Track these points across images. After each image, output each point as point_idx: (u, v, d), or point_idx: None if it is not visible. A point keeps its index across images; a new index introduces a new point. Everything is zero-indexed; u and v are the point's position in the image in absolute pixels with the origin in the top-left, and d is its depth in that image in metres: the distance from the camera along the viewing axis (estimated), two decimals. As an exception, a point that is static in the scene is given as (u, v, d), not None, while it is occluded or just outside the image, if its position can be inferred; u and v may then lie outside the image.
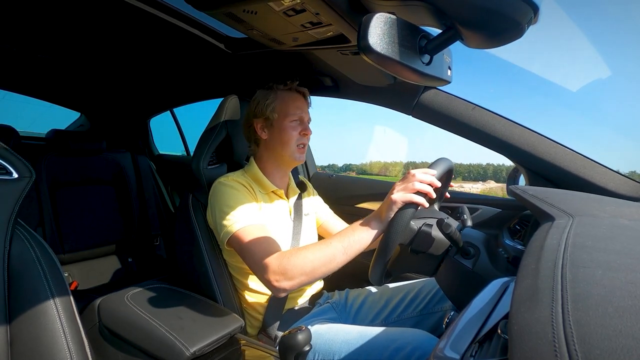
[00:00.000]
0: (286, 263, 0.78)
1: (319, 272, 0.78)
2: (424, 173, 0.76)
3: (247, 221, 0.87)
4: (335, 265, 0.78)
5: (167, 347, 0.75)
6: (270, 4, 0.74)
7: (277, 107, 0.99)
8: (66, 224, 1.64)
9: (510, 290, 0.48)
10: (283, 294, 0.80)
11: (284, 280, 0.77)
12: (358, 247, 0.78)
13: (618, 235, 0.40)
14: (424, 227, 0.77)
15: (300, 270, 0.77)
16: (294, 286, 0.78)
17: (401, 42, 0.50)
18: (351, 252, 0.78)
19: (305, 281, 0.79)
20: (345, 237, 0.79)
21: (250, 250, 0.83)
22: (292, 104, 1.00)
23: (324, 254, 0.78)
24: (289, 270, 0.77)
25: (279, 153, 1.00)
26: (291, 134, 0.98)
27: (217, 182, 0.96)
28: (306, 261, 0.77)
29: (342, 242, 0.78)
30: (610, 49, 16.80)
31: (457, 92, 1.03)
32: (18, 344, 0.56)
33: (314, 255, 0.78)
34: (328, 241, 0.80)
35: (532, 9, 0.47)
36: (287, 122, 0.98)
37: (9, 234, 0.58)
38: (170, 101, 2.14)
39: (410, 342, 0.75)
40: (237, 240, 0.85)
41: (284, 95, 1.01)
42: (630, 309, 0.25)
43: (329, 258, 0.77)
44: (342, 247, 0.77)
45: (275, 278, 0.78)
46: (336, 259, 0.77)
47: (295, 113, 0.99)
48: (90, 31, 1.34)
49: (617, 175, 0.89)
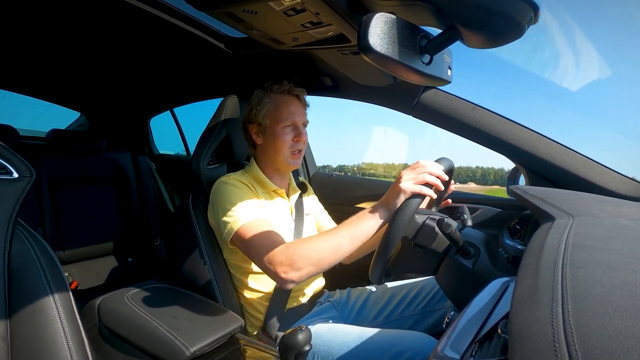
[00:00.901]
0: (292, 253, 0.77)
1: (327, 262, 0.78)
2: (433, 165, 0.76)
3: (250, 217, 0.86)
4: (342, 254, 0.77)
5: (167, 346, 0.75)
6: (270, 3, 0.74)
7: (268, 113, 0.97)
8: (66, 224, 1.64)
9: (510, 290, 0.48)
10: (291, 285, 0.79)
11: (291, 272, 0.76)
12: (365, 236, 0.77)
13: (618, 235, 0.40)
14: (428, 220, 0.77)
15: (308, 260, 0.76)
16: (303, 277, 0.77)
17: (401, 42, 0.50)
18: (358, 241, 0.77)
19: (313, 271, 0.78)
20: (352, 226, 0.78)
21: (255, 245, 0.83)
22: (284, 109, 0.97)
23: (331, 244, 0.77)
24: (296, 261, 0.76)
25: (273, 158, 1.00)
26: (284, 140, 0.96)
27: (219, 181, 0.96)
28: (313, 251, 0.77)
29: (349, 231, 0.77)
30: (610, 49, 16.80)
31: (457, 92, 1.03)
32: (18, 344, 0.56)
33: (321, 245, 0.77)
34: (334, 231, 0.79)
35: (532, 8, 0.47)
36: (279, 128, 0.96)
37: (9, 234, 0.58)
38: (170, 101, 2.14)
39: (410, 347, 0.74)
40: (241, 236, 0.85)
41: (277, 99, 0.99)
42: (630, 309, 0.25)
43: (335, 247, 0.77)
44: (349, 235, 0.77)
45: (282, 269, 0.77)
46: (343, 248, 0.77)
47: (288, 118, 0.97)
48: (90, 31, 1.34)
49: (617, 175, 0.89)
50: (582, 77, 4.98)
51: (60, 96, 2.26)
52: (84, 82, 2.02)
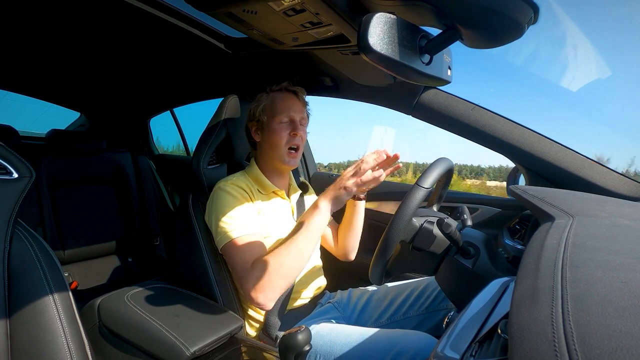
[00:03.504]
0: (259, 276, 0.79)
1: (295, 270, 0.81)
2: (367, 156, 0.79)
3: (239, 231, 0.87)
4: (306, 257, 0.81)
5: (167, 346, 0.75)
6: (270, 4, 0.74)
7: (266, 109, 0.99)
8: (66, 224, 1.64)
9: (510, 290, 0.48)
10: (270, 304, 0.81)
11: (261, 294, 0.79)
12: (320, 231, 0.81)
13: (618, 235, 0.40)
14: (425, 224, 0.77)
15: (276, 276, 0.79)
16: (277, 294, 0.81)
17: (401, 42, 0.50)
18: (315, 238, 0.81)
19: (286, 284, 0.81)
20: (304, 228, 0.80)
21: (235, 264, 0.86)
22: (280, 105, 0.98)
23: (291, 251, 0.79)
24: (265, 282, 0.79)
25: (270, 156, 1.00)
26: (280, 134, 0.96)
27: (217, 187, 0.95)
28: (277, 265, 0.79)
29: (302, 233, 0.80)
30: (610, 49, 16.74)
31: (457, 92, 1.03)
32: (18, 344, 0.56)
33: (283, 257, 0.80)
34: (289, 238, 0.82)
35: (532, 8, 0.47)
36: (276, 123, 0.97)
37: (9, 234, 0.58)
38: (170, 101, 2.14)
39: (412, 347, 0.74)
40: (227, 251, 0.88)
41: (275, 95, 1.00)
42: (630, 309, 0.25)
43: (297, 253, 0.79)
44: (304, 237, 0.80)
45: (255, 295, 0.80)
46: (304, 251, 0.80)
47: (284, 113, 0.97)
48: (90, 31, 1.34)
49: (617, 175, 0.89)
50: (583, 77, 4.97)
51: (60, 96, 2.26)
52: (84, 82, 2.02)
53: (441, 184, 0.96)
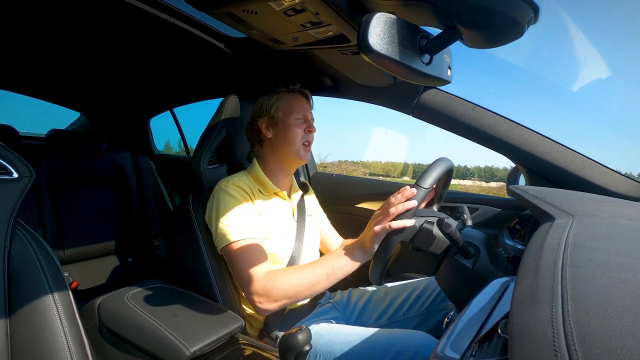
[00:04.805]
0: (271, 286, 0.82)
1: (302, 296, 0.84)
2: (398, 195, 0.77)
3: (240, 235, 0.88)
4: (318, 289, 0.83)
5: (167, 346, 0.75)
6: (270, 3, 0.74)
7: (281, 106, 1.00)
8: (66, 224, 1.64)
9: (510, 290, 0.48)
10: (266, 313, 0.85)
11: (266, 303, 0.83)
12: (341, 274, 0.83)
13: (618, 235, 0.40)
14: (425, 224, 0.77)
15: (284, 293, 0.82)
16: (276, 308, 0.84)
17: (401, 42, 0.50)
18: (334, 279, 0.83)
19: (288, 303, 0.84)
20: (329, 264, 0.83)
21: (237, 267, 0.87)
22: (295, 103, 1.01)
23: (308, 279, 0.82)
24: (272, 293, 0.82)
25: (284, 151, 1.00)
26: (296, 131, 0.99)
27: (219, 187, 0.95)
28: (290, 285, 0.82)
29: (326, 268, 0.83)
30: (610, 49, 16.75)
31: (457, 92, 1.03)
32: (18, 344, 0.56)
33: (299, 280, 0.82)
34: (312, 266, 0.84)
35: (532, 8, 0.47)
36: (292, 119, 0.99)
37: (9, 234, 0.58)
38: (170, 101, 2.14)
39: (412, 347, 0.75)
40: (227, 252, 0.89)
41: (287, 95, 1.03)
42: (630, 309, 0.25)
43: (312, 283, 0.82)
44: (326, 273, 0.82)
45: (258, 300, 0.83)
46: (319, 284, 0.82)
47: (299, 111, 1.00)
48: (90, 31, 1.34)
49: (617, 175, 0.89)
50: (583, 77, 4.94)
51: (60, 96, 2.26)
52: (84, 82, 2.02)
53: (441, 184, 0.96)
